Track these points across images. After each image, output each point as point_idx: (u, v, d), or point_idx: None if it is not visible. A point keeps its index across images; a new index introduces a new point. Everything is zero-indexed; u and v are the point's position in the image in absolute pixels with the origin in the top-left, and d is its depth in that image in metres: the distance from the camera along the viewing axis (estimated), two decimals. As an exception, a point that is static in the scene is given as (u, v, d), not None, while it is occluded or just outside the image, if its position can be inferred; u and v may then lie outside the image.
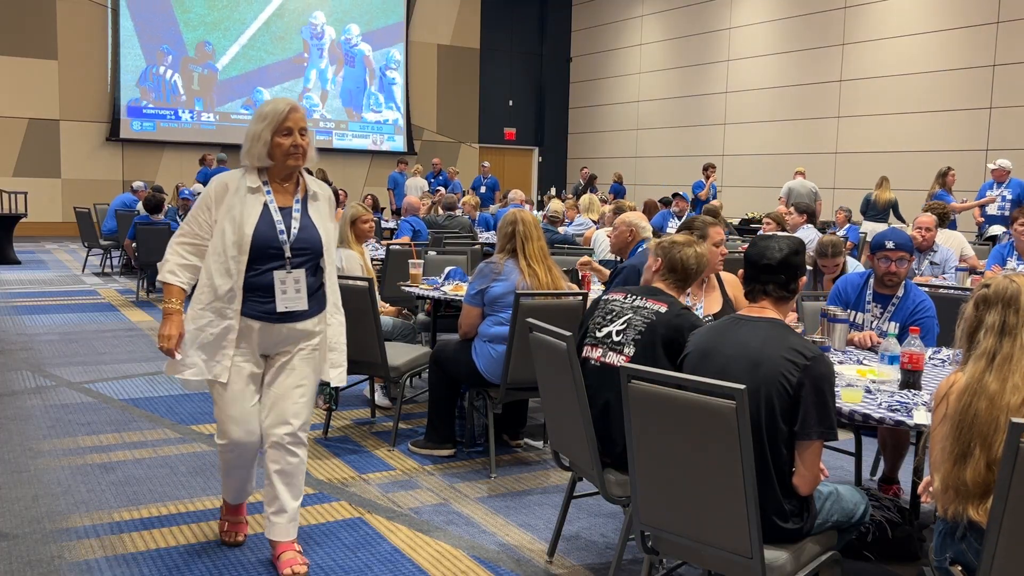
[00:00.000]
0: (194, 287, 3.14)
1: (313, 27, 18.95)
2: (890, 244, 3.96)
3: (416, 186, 14.96)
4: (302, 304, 3.07)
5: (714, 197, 13.50)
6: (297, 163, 3.07)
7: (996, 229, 9.68)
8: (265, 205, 3.05)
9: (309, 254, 3.10)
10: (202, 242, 3.07)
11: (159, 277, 3.10)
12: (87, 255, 12.40)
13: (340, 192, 12.13)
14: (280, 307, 3.03)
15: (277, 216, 3.05)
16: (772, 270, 2.65)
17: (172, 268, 3.08)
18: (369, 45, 19.65)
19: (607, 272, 5.28)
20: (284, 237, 3.04)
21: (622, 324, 3.15)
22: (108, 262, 12.34)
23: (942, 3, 13.27)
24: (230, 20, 18.04)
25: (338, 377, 3.29)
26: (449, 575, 3.27)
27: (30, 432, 4.84)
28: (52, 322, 8.17)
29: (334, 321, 3.26)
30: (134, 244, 9.70)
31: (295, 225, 3.08)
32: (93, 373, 6.24)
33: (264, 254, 3.01)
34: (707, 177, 13.73)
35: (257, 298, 3.03)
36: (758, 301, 2.69)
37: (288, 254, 3.04)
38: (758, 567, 2.35)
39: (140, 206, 10.44)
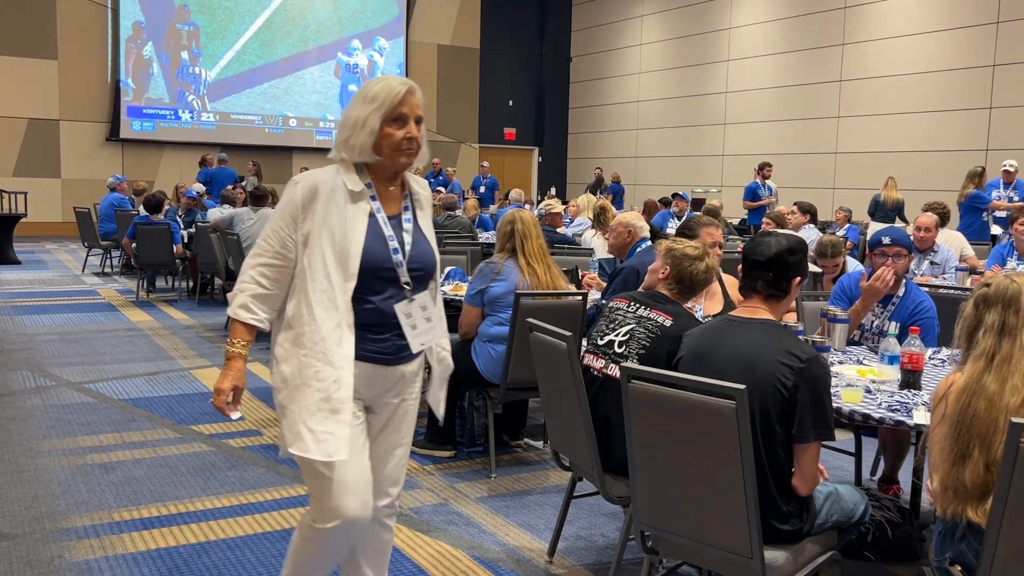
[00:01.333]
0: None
1: (353, 45, 19.20)
2: (887, 240, 3.96)
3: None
4: (431, 336, 2.45)
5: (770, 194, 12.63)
6: (409, 161, 2.40)
7: (995, 229, 9.67)
8: (371, 215, 2.37)
9: (424, 275, 2.45)
10: (286, 263, 2.34)
11: (228, 311, 2.38)
12: (87, 255, 12.41)
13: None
14: (415, 345, 2.39)
15: (388, 230, 2.39)
16: (760, 266, 2.61)
17: (245, 301, 2.34)
18: (369, 45, 19.66)
19: (603, 284, 5.30)
20: (399, 257, 2.38)
21: (625, 335, 3.11)
22: (108, 262, 12.35)
23: (942, 3, 13.27)
24: (227, 31, 18.08)
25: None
26: (449, 575, 3.27)
27: (30, 432, 4.84)
28: (52, 322, 8.17)
29: (438, 354, 2.59)
30: (134, 244, 9.71)
31: (408, 240, 2.42)
32: (93, 373, 6.24)
33: (375, 279, 2.34)
34: (764, 178, 12.69)
35: (371, 334, 2.36)
36: (750, 299, 2.66)
37: (406, 278, 2.39)
38: (758, 567, 2.35)
39: (141, 208, 10.44)
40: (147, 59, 17.45)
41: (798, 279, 2.63)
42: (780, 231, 2.75)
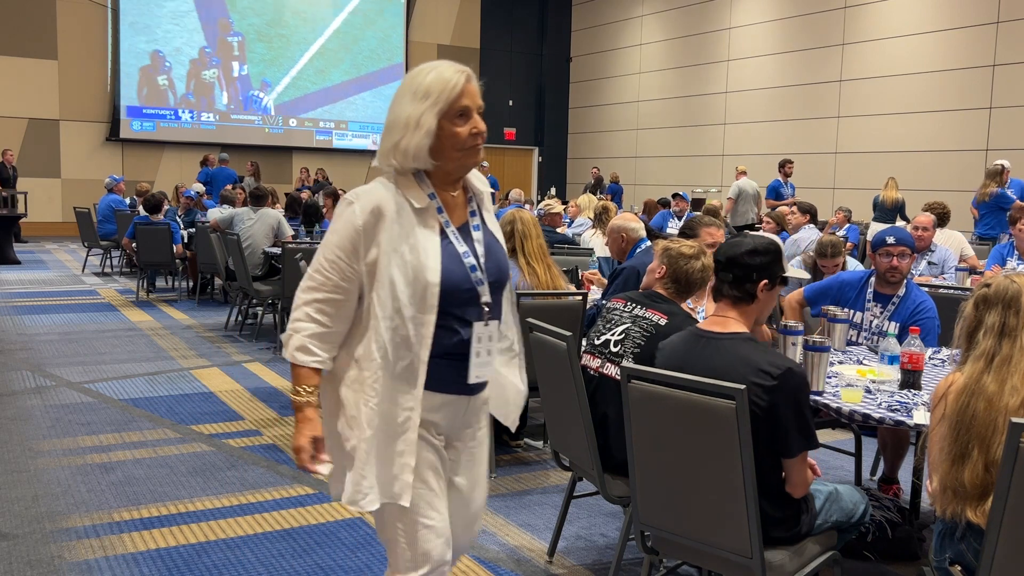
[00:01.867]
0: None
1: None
2: (891, 239, 3.95)
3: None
4: (490, 370, 2.14)
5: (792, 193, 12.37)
6: (478, 160, 2.10)
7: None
8: (442, 231, 2.06)
9: (499, 284, 2.18)
10: (347, 297, 2.03)
11: (285, 355, 2.08)
12: (87, 255, 12.41)
13: (340, 192, 12.13)
14: (473, 375, 2.08)
15: (462, 245, 2.09)
16: (721, 267, 2.56)
17: (304, 343, 2.02)
18: (369, 46, 19.68)
19: (605, 282, 5.29)
20: (478, 274, 2.08)
21: (620, 334, 3.12)
22: (108, 262, 12.35)
23: (942, 3, 13.27)
24: (283, 58, 18.37)
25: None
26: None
27: (30, 432, 4.84)
28: (52, 322, 8.17)
29: (512, 363, 2.31)
30: (134, 243, 9.71)
31: (480, 251, 2.12)
32: (93, 373, 6.24)
33: (455, 303, 2.04)
34: (786, 175, 12.39)
35: (449, 362, 2.07)
36: (719, 303, 2.58)
37: (486, 297, 2.10)
38: (758, 567, 2.35)
39: (141, 208, 10.44)
40: (209, 83, 17.84)
41: (764, 281, 2.50)
42: (751, 234, 2.68)
